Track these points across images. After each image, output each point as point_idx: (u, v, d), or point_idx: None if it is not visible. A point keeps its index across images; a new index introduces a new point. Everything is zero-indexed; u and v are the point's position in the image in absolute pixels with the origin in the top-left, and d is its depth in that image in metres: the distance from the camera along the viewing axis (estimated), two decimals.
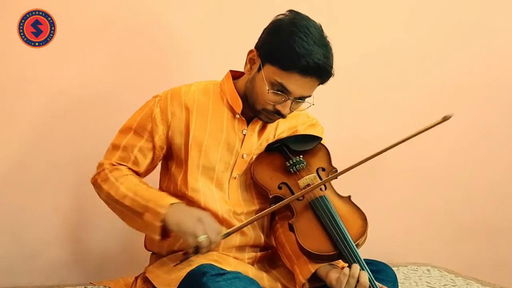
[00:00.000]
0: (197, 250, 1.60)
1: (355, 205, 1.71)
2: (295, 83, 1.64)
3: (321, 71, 1.63)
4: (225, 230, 1.65)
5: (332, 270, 1.61)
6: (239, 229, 1.68)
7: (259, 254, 1.81)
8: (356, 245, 1.60)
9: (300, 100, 1.69)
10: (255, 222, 1.76)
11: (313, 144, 1.82)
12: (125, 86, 2.10)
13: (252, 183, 1.80)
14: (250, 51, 1.72)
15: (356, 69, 2.45)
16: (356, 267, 1.55)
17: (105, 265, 2.27)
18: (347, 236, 1.60)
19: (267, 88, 1.65)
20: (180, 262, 1.61)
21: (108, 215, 1.76)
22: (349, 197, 1.74)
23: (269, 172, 1.77)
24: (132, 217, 1.68)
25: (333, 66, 1.67)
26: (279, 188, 1.74)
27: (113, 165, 1.75)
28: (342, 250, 1.59)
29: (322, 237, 1.61)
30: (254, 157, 1.80)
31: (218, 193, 1.77)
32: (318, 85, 1.69)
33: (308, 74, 1.63)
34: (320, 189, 1.72)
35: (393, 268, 1.73)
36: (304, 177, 1.73)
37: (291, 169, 1.77)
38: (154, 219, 1.62)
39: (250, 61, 1.73)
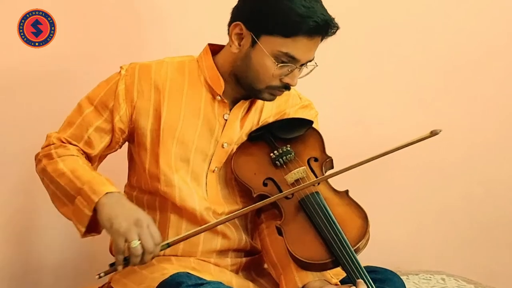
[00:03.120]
0: (127, 259, 1.50)
1: (353, 201, 1.63)
2: (302, 48, 1.60)
3: (330, 26, 1.61)
4: (169, 239, 1.58)
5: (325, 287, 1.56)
6: (190, 236, 1.57)
7: (244, 259, 1.76)
8: (355, 249, 1.53)
9: (303, 66, 1.66)
10: (237, 222, 1.72)
11: (302, 130, 1.75)
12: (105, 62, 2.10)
13: (233, 178, 1.74)
14: (235, 25, 1.65)
15: (358, 47, 2.40)
16: (361, 284, 1.48)
17: (61, 274, 2.23)
18: (344, 240, 1.53)
19: (274, 62, 1.60)
20: (105, 275, 1.50)
21: None
22: (346, 192, 1.66)
23: (252, 166, 1.71)
24: (63, 200, 1.62)
25: None
26: (265, 185, 1.68)
27: (62, 141, 1.71)
28: (338, 257, 1.52)
29: (315, 242, 1.56)
30: (236, 147, 1.75)
31: (195, 188, 1.70)
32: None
33: (316, 34, 1.60)
34: (313, 184, 1.65)
35: (401, 277, 1.67)
36: (292, 171, 1.67)
37: (277, 162, 1.70)
38: (85, 205, 1.55)
39: (237, 37, 1.66)
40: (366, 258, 1.57)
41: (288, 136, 1.73)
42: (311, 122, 1.76)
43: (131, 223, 1.49)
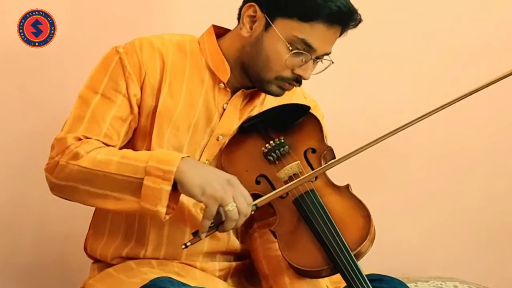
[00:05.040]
0: (217, 225, 1.44)
1: (355, 197, 1.58)
2: (319, 36, 1.57)
3: (352, 16, 1.58)
4: (256, 200, 1.51)
5: None
6: (273, 197, 1.52)
7: (234, 264, 1.71)
8: (356, 254, 1.48)
9: (318, 60, 1.62)
10: None
11: (297, 118, 1.69)
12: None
13: None
14: (248, 6, 1.61)
15: (364, 28, 2.37)
16: None
17: (32, 277, 2.22)
18: (343, 243, 1.48)
19: (289, 48, 1.57)
20: (191, 244, 1.45)
21: (37, 212, 1.73)
22: (347, 186, 1.60)
23: (243, 162, 1.65)
24: (116, 195, 1.47)
25: None
26: (257, 183, 1.62)
27: (80, 139, 1.54)
28: (336, 264, 1.47)
29: (311, 247, 1.51)
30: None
31: None
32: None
33: (336, 22, 1.56)
34: (309, 179, 1.59)
35: (409, 285, 1.65)
36: (286, 167, 1.61)
37: (269, 156, 1.65)
38: (161, 182, 1.41)
39: (249, 19, 1.61)
40: (369, 263, 1.54)
41: (282, 125, 1.67)
42: (307, 107, 1.70)
43: (224, 185, 1.42)
